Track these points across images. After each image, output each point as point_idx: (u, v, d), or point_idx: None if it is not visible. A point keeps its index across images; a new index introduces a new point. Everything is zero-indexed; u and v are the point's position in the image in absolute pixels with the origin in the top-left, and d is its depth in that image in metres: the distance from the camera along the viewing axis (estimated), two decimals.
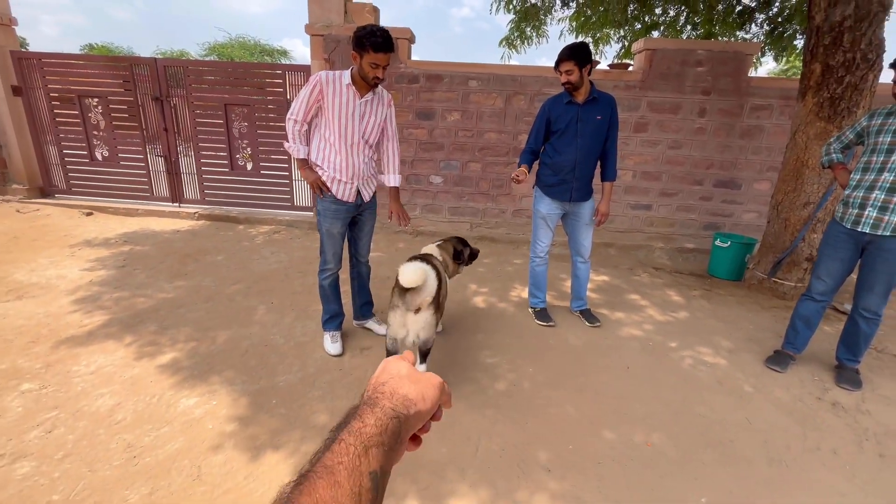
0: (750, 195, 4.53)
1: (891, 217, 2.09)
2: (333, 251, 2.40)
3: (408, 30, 4.30)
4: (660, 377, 2.40)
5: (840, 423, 2.10)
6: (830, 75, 3.00)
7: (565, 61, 2.43)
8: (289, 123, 2.15)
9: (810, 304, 2.46)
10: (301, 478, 0.36)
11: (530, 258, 3.01)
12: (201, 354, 2.37)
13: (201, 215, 4.99)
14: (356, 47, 2.04)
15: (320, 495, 0.34)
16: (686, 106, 4.31)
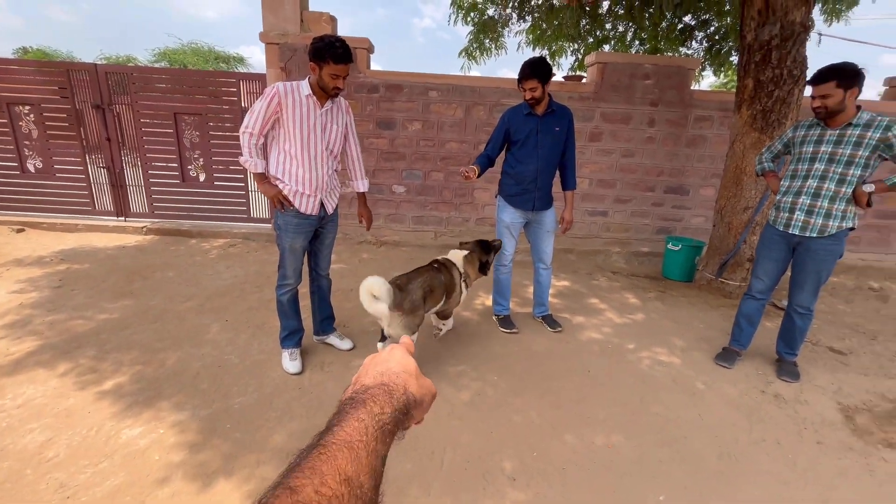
0: (697, 200, 4.80)
1: (816, 220, 2.27)
2: (294, 266, 2.33)
3: (366, 39, 4.28)
4: (618, 379, 2.47)
5: (782, 414, 2.24)
6: (761, 90, 3.24)
7: (529, 79, 2.48)
8: (244, 137, 2.06)
9: (751, 303, 2.62)
10: (319, 447, 0.37)
11: (494, 266, 3.04)
12: (148, 379, 2.22)
13: (150, 230, 4.71)
14: (315, 58, 2.01)
15: (341, 465, 0.35)
16: (636, 116, 4.52)
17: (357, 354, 2.56)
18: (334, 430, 0.39)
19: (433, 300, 2.42)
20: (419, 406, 0.47)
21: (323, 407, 2.09)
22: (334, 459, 0.35)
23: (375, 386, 0.45)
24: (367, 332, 2.84)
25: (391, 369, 0.48)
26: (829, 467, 1.88)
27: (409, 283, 2.29)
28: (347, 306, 3.24)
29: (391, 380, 0.46)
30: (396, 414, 0.43)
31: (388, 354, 0.51)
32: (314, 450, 0.37)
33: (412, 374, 0.48)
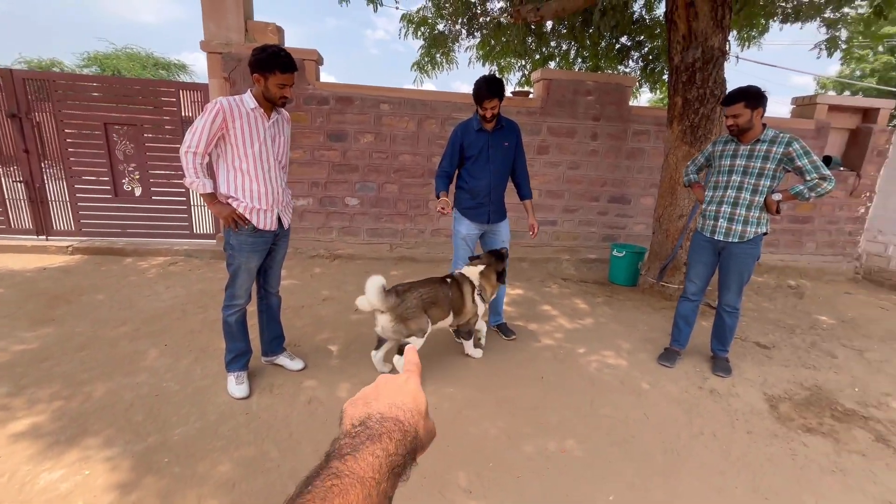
0: (638, 209, 5.11)
1: (736, 226, 2.49)
2: (246, 286, 2.22)
3: (314, 51, 4.23)
4: (570, 384, 2.56)
5: (717, 407, 2.40)
6: (689, 107, 3.53)
7: (491, 98, 2.54)
8: (187, 157, 1.94)
9: (686, 304, 2.82)
10: (332, 476, 0.36)
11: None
12: (71, 415, 2.02)
13: (76, 249, 4.33)
14: (260, 69, 1.96)
15: (351, 503, 0.34)
16: (580, 130, 4.76)
17: (309, 375, 2.48)
18: (346, 458, 0.37)
19: (437, 313, 2.44)
20: (423, 450, 0.46)
21: (272, 431, 2.00)
22: (346, 494, 0.35)
23: (391, 420, 0.43)
24: (319, 351, 2.76)
25: (406, 405, 0.45)
26: (759, 455, 2.04)
27: (407, 291, 2.35)
28: (299, 324, 3.13)
29: (406, 418, 0.44)
30: (406, 457, 0.41)
31: (404, 383, 0.48)
32: (325, 476, 0.36)
33: (423, 414, 0.47)
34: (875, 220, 5.38)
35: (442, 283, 2.54)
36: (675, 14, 3.43)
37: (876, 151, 5.16)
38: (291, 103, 4.29)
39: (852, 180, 5.26)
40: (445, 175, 2.79)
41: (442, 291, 2.48)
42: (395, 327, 2.30)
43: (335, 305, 3.51)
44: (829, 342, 3.37)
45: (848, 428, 2.28)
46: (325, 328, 3.10)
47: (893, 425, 2.33)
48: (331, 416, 2.13)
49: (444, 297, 2.48)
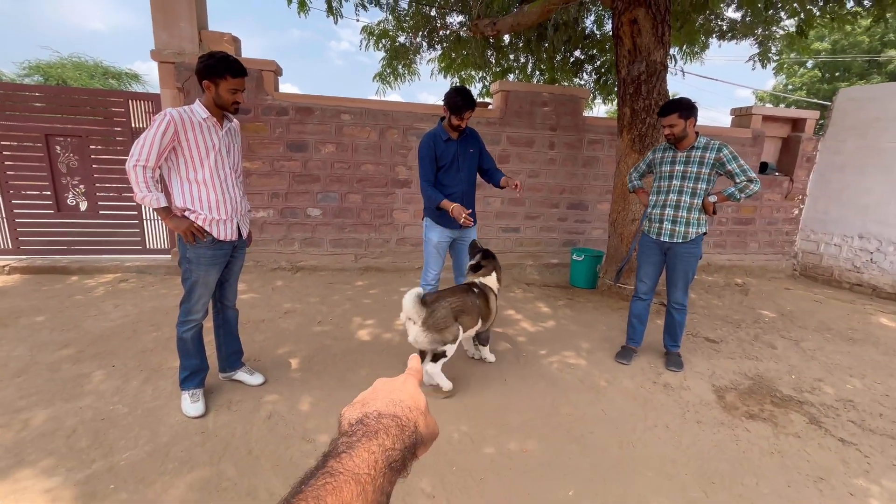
0: (595, 215, 5.32)
1: (679, 228, 2.66)
2: (204, 300, 2.15)
3: (272, 62, 4.18)
4: (532, 385, 2.62)
5: (669, 400, 2.53)
6: (636, 117, 3.74)
7: (469, 109, 2.61)
8: (136, 171, 1.86)
9: (639, 303, 2.96)
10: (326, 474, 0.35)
11: (421, 286, 3.04)
12: (5, 445, 1.88)
13: (14, 268, 4.04)
14: (209, 76, 1.93)
15: (345, 499, 0.34)
16: (538, 140, 4.93)
17: (269, 389, 2.42)
18: (342, 456, 0.37)
19: (468, 321, 2.47)
20: (424, 447, 0.45)
21: (230, 450, 1.93)
22: (339, 492, 0.34)
23: (388, 416, 0.43)
24: (280, 365, 2.70)
25: (404, 402, 0.45)
26: (707, 442, 2.16)
27: (436, 301, 2.37)
28: (259, 338, 3.05)
29: (404, 414, 0.44)
30: (405, 452, 0.41)
31: (401, 384, 0.49)
32: (320, 475, 0.35)
33: (423, 411, 0.47)
34: (808, 221, 5.84)
35: (469, 291, 2.55)
36: (621, 30, 3.65)
37: (805, 158, 5.63)
38: (248, 114, 4.22)
39: (786, 184, 5.70)
40: (432, 184, 2.78)
41: (470, 300, 2.50)
42: (430, 337, 2.32)
43: (297, 318, 3.45)
44: (770, 334, 3.62)
45: (785, 412, 2.46)
46: (287, 341, 3.03)
47: (825, 408, 2.53)
48: (292, 431, 2.08)
49: (472, 305, 2.50)
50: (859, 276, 5.26)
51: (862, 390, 2.76)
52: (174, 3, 3.86)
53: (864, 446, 2.19)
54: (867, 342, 3.58)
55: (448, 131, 2.74)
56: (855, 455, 2.13)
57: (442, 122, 2.75)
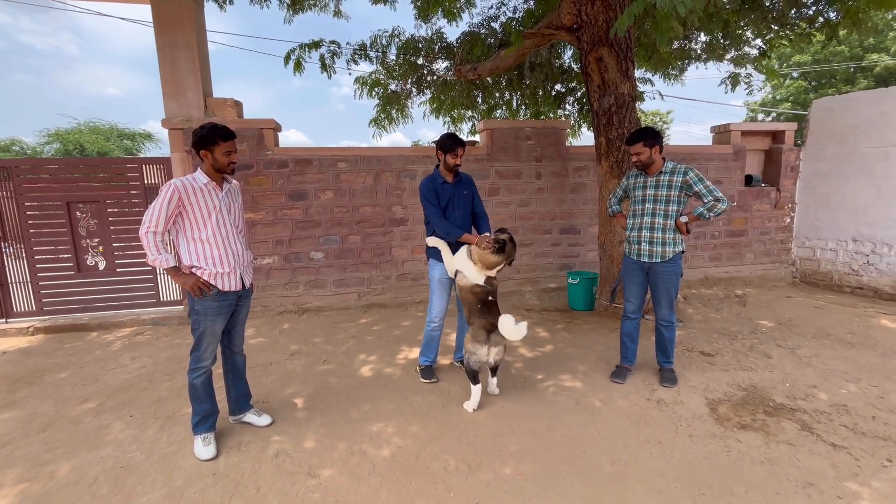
0: (588, 237, 5.47)
1: (656, 248, 2.81)
2: (212, 348, 2.33)
3: (272, 120, 4.54)
4: (528, 409, 2.71)
5: (662, 416, 2.60)
6: (612, 146, 3.97)
7: (461, 147, 2.88)
8: (148, 237, 2.09)
9: (628, 322, 3.07)
10: None
11: (427, 322, 3.12)
12: (33, 497, 2.02)
13: (37, 329, 4.29)
14: (205, 145, 2.19)
15: None
16: (525, 171, 5.18)
17: (276, 430, 2.54)
18: None
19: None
20: None
21: (239, 489, 2.05)
22: None
23: None
24: (287, 405, 2.83)
25: None
26: (697, 454, 2.22)
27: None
28: (267, 381, 3.19)
29: None
30: None
31: None
32: None
33: None
34: (801, 228, 5.92)
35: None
36: (589, 68, 3.94)
37: (789, 167, 5.78)
38: (251, 169, 4.53)
39: (774, 194, 5.83)
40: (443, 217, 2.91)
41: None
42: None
43: (303, 359, 3.60)
44: (766, 344, 3.67)
45: (778, 421, 2.51)
46: (293, 382, 3.17)
47: (818, 414, 2.57)
48: (297, 468, 2.20)
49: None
50: (859, 280, 5.28)
51: (856, 394, 2.80)
52: (182, 76, 4.26)
53: (854, 449, 2.23)
54: (865, 345, 3.60)
55: (444, 175, 2.96)
56: (845, 458, 2.17)
57: (437, 168, 2.99)
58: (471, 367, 2.67)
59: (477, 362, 2.66)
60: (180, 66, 4.25)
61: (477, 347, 2.66)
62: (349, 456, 2.28)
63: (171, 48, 4.22)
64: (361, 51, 6.37)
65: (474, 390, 2.68)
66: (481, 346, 2.65)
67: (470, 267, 2.78)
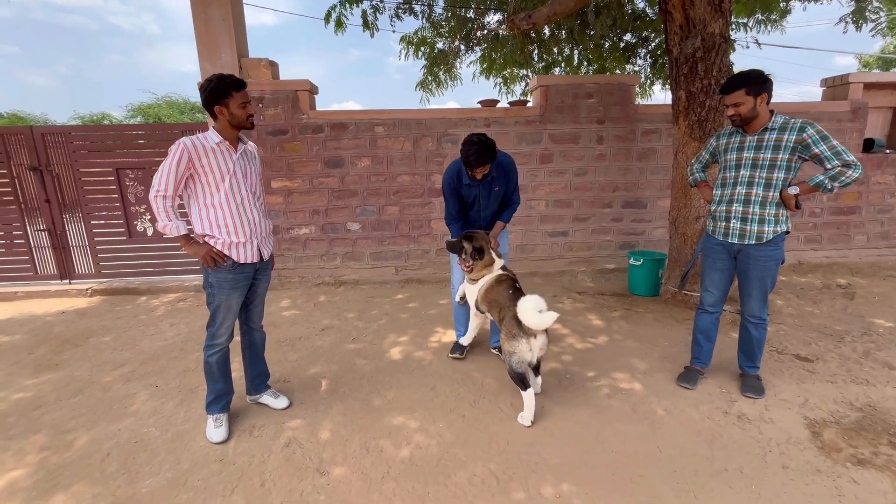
0: (656, 212, 4.77)
1: (752, 227, 2.20)
2: (228, 324, 2.16)
3: (307, 81, 4.27)
4: (574, 413, 2.31)
5: (745, 436, 2.08)
6: (694, 100, 3.26)
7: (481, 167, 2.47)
8: (157, 201, 1.90)
9: (705, 317, 2.52)
10: None
11: (453, 298, 2.94)
12: (49, 467, 1.98)
13: (95, 291, 4.49)
14: (219, 99, 1.95)
15: None
16: (584, 135, 4.54)
17: (293, 413, 2.36)
18: None
19: None
20: None
21: (244, 480, 1.88)
22: None
23: None
24: (308, 386, 2.65)
25: None
26: (796, 496, 1.72)
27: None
28: (292, 357, 3.04)
29: None
30: None
31: None
32: None
33: None
34: None
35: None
36: (670, 3, 3.21)
37: None
38: (286, 134, 4.33)
39: None
40: (457, 219, 2.77)
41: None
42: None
43: (333, 335, 3.42)
44: (887, 350, 2.93)
45: None
46: (319, 360, 2.99)
47: None
48: (308, 462, 1.99)
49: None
50: None
51: None
52: (215, 35, 4.08)
53: None
54: None
55: (469, 174, 2.58)
56: None
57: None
58: (515, 371, 2.20)
59: (520, 362, 2.17)
60: (214, 24, 4.06)
61: (515, 345, 2.18)
62: (364, 453, 2.04)
63: (205, 6, 4.03)
64: (406, 5, 5.89)
65: (527, 398, 2.21)
66: (520, 340, 2.20)
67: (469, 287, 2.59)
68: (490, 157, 2.45)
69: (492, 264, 2.52)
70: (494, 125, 4.36)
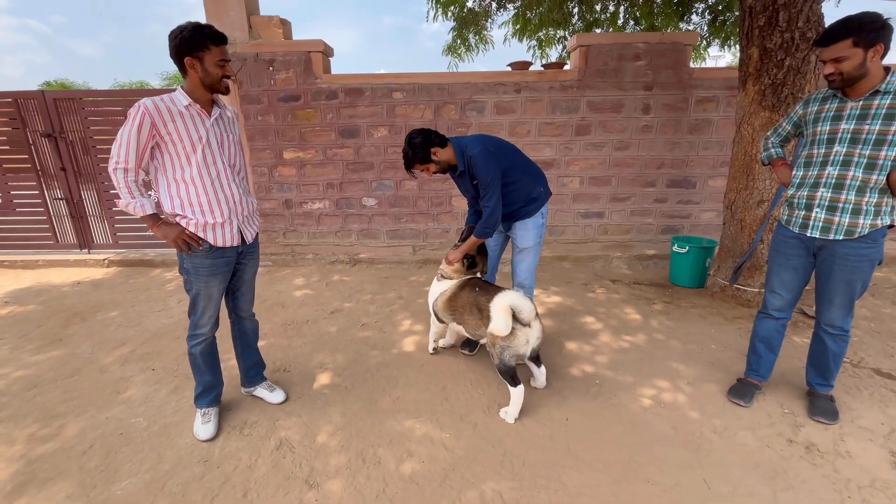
0: (706, 193, 4.24)
1: (841, 218, 1.75)
2: (210, 313, 1.94)
3: (321, 41, 3.91)
4: (604, 430, 1.99)
5: (816, 474, 1.71)
6: (769, 59, 2.70)
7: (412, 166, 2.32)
8: (117, 175, 1.64)
9: (768, 323, 2.10)
10: None
11: None
12: (31, 458, 1.86)
13: (112, 261, 4.45)
14: (191, 50, 1.64)
15: None
16: (629, 103, 4.01)
17: (288, 410, 2.15)
18: None
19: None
20: None
21: (225, 489, 1.69)
22: None
23: None
24: (309, 378, 2.44)
25: None
26: None
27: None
28: (296, 344, 2.84)
29: None
30: None
31: None
32: None
33: None
34: None
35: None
36: None
37: None
38: (298, 100, 4.02)
39: None
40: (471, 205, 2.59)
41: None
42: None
43: (342, 320, 3.20)
44: None
45: None
46: (325, 348, 2.78)
47: None
48: (297, 470, 1.78)
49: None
50: None
51: None
52: None
53: None
54: None
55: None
56: None
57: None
58: (507, 364, 2.01)
59: (513, 356, 2.00)
60: None
61: (509, 338, 1.97)
62: (360, 464, 1.81)
63: None
64: None
65: (514, 394, 2.02)
66: (514, 332, 1.96)
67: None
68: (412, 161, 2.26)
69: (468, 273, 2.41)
70: (525, 91, 3.89)
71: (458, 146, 2.27)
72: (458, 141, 2.29)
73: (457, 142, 2.29)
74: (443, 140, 2.27)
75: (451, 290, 2.33)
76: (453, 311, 2.30)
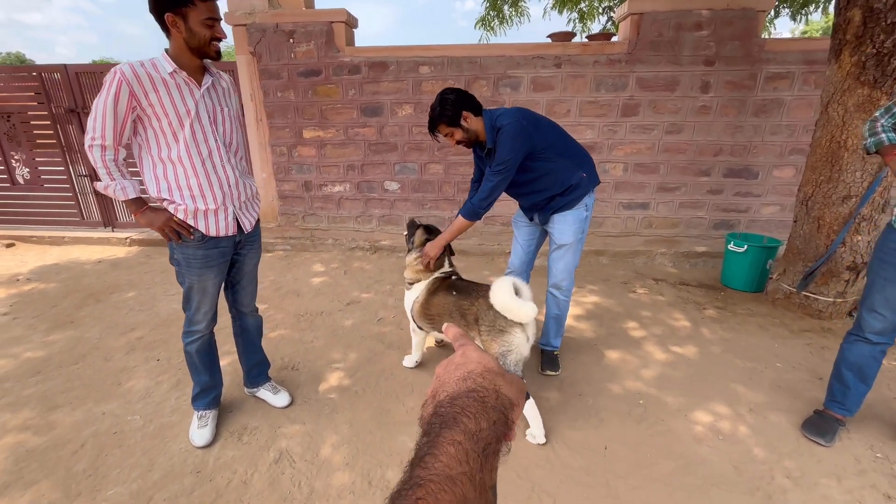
0: (770, 185, 3.74)
1: None
2: (205, 309, 1.75)
3: (343, 11, 3.62)
4: (651, 464, 1.69)
5: None
6: (875, 23, 2.21)
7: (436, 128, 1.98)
8: (94, 152, 1.44)
9: (862, 348, 1.72)
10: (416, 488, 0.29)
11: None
12: (19, 454, 1.75)
13: (134, 240, 4.41)
14: (171, 5, 1.39)
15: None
16: (685, 80, 3.53)
17: (292, 415, 1.96)
18: (427, 460, 0.31)
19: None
20: (516, 408, 0.39)
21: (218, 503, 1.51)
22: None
23: (462, 395, 0.37)
24: (318, 378, 2.24)
25: (473, 371, 0.39)
26: None
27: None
28: (308, 338, 2.65)
29: (477, 383, 0.38)
30: (496, 427, 0.35)
31: (461, 356, 0.42)
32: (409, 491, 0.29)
33: (497, 371, 0.40)
34: None
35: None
36: None
37: None
38: (319, 75, 3.76)
39: None
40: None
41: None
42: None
43: (359, 312, 2.99)
44: None
45: None
46: (338, 344, 2.58)
47: None
48: (296, 490, 1.58)
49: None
50: None
51: None
52: None
53: None
54: None
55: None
56: None
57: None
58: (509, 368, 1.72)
59: (519, 361, 1.73)
60: None
61: (508, 340, 1.71)
62: (367, 487, 1.59)
63: None
64: None
65: (531, 410, 1.79)
66: (512, 332, 1.70)
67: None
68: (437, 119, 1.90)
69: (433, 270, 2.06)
70: (566, 65, 3.48)
71: (490, 119, 1.95)
72: (490, 113, 1.97)
73: (489, 114, 1.97)
74: (478, 108, 1.95)
75: (423, 296, 2.02)
76: (431, 320, 1.99)
